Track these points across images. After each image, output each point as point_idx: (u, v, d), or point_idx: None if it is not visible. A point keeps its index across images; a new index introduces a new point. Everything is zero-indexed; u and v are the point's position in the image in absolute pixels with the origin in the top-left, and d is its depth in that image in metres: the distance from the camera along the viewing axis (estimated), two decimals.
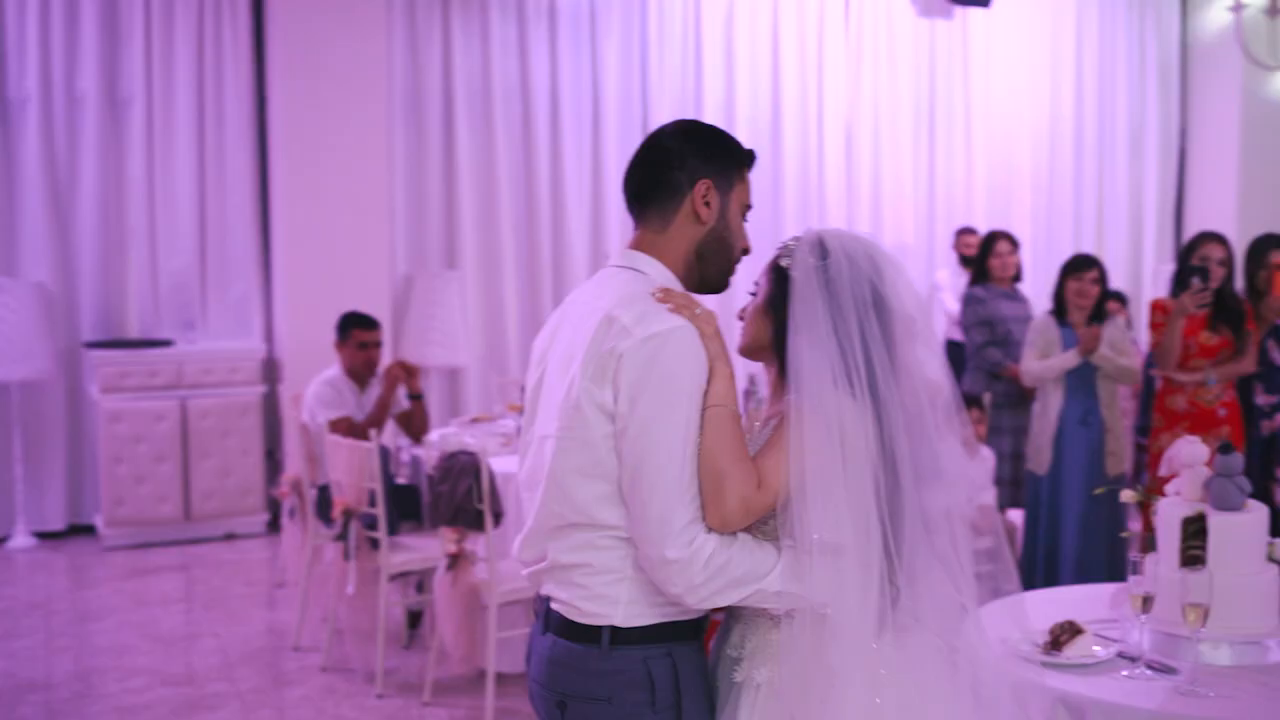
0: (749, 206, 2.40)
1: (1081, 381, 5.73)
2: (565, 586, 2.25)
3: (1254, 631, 3.01)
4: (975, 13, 9.75)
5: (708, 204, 2.31)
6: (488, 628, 4.88)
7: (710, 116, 9.08)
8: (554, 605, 2.28)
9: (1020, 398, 6.50)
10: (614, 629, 2.21)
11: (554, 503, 2.23)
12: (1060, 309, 5.83)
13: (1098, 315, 5.79)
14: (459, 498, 4.73)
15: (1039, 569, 5.78)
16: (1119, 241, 10.22)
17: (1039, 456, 5.86)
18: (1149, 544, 5.52)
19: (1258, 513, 3.09)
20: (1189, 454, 3.18)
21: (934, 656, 2.28)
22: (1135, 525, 6.29)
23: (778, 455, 2.20)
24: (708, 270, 2.36)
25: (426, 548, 5.47)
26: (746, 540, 2.19)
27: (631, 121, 9.01)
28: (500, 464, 5.18)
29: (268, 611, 6.54)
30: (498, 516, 4.82)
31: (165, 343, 8.04)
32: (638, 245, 2.34)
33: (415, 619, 5.98)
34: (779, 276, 2.34)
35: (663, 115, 8.98)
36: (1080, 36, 10.21)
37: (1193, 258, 5.48)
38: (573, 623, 2.24)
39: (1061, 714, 2.81)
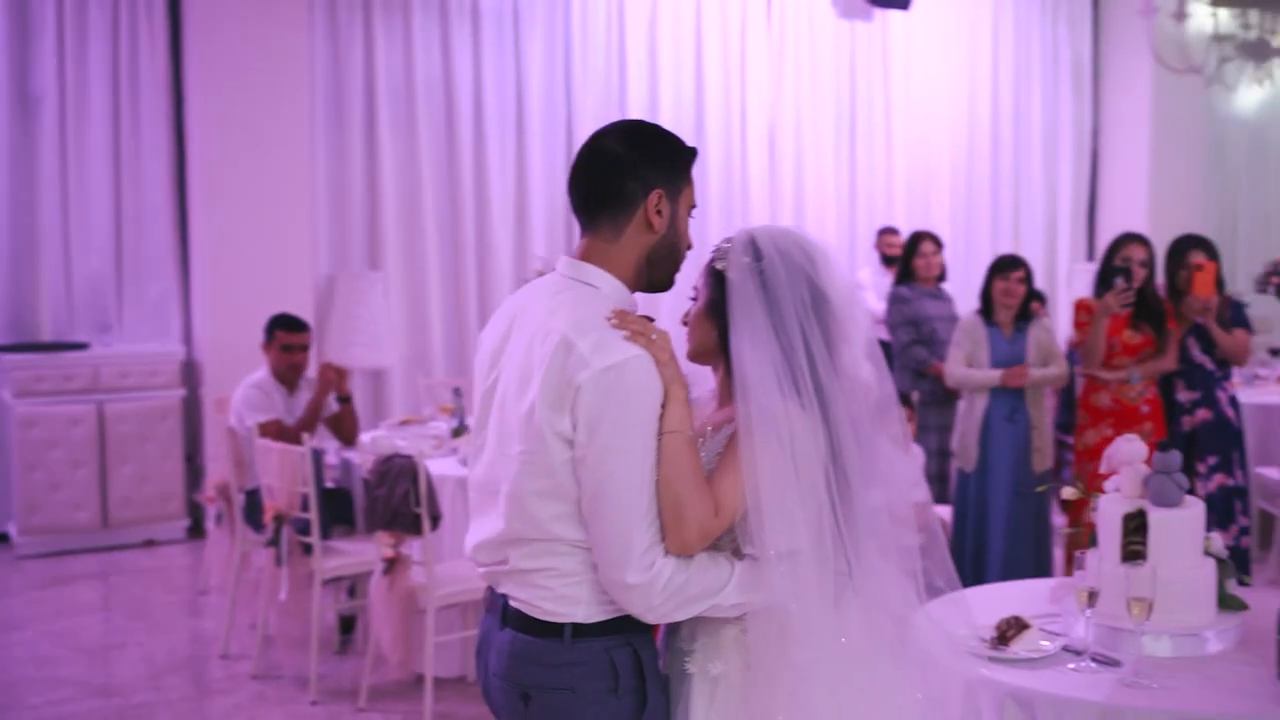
0: (694, 206, 2.41)
1: None
2: (526, 588, 2.27)
3: (1193, 624, 3.08)
4: (895, 15, 9.86)
5: (660, 213, 2.30)
6: (425, 632, 4.84)
7: (634, 116, 9.05)
8: (513, 603, 2.29)
9: (946, 396, 6.60)
10: (575, 625, 2.23)
11: (515, 520, 2.24)
12: (987, 308, 5.93)
13: (1024, 315, 5.90)
14: (396, 501, 4.68)
15: (967, 565, 5.87)
16: (1035, 241, 10.40)
17: (966, 454, 5.95)
18: (1076, 540, 5.67)
19: (1195, 508, 3.17)
20: (1128, 452, 3.25)
21: (885, 639, 2.33)
22: (1059, 521, 6.41)
23: (733, 476, 2.23)
24: (656, 274, 2.36)
25: (359, 552, 5.41)
26: (702, 557, 2.22)
27: (556, 121, 8.99)
28: (436, 466, 5.15)
29: (192, 619, 6.43)
30: (435, 520, 4.78)
31: (80, 346, 7.85)
32: (587, 255, 2.32)
33: (348, 624, 5.91)
34: (716, 280, 2.36)
35: (587, 115, 8.98)
36: (996, 39, 10.38)
37: (1116, 258, 5.60)
38: (533, 619, 2.26)
39: (1011, 708, 2.86)
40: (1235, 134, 11.25)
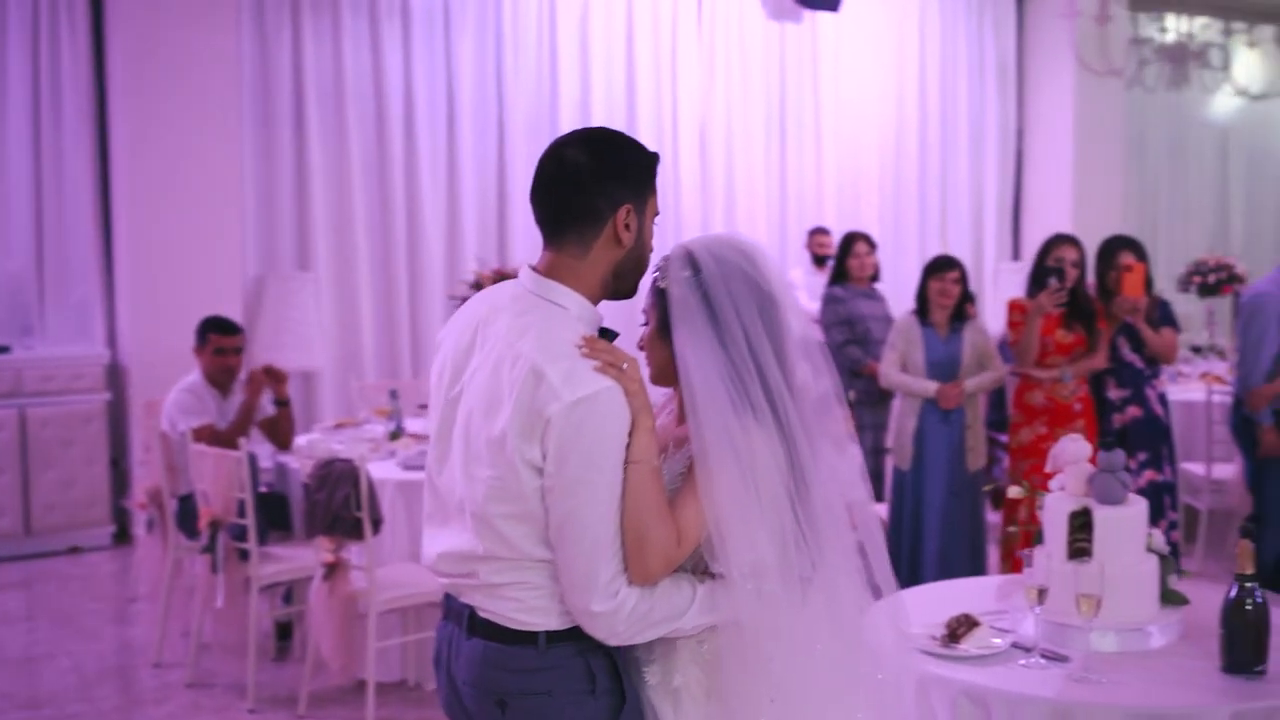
0: (657, 213, 2.38)
1: (944, 377, 5.89)
2: (496, 600, 2.25)
3: (1137, 619, 3.14)
4: (824, 17, 9.94)
5: (628, 228, 2.27)
6: (366, 637, 4.80)
7: (565, 117, 9.09)
8: (482, 613, 2.27)
9: (880, 395, 6.66)
10: (549, 632, 2.23)
11: (485, 540, 2.22)
12: (923, 309, 5.98)
13: (959, 315, 5.97)
14: (336, 506, 4.62)
15: (903, 563, 5.92)
16: (962, 240, 10.54)
17: (902, 452, 6.00)
18: (1013, 539, 5.75)
19: (1138, 506, 3.23)
20: (1073, 451, 3.31)
21: (849, 635, 2.35)
22: (993, 518, 6.51)
23: (695, 504, 2.21)
24: (623, 286, 2.34)
25: (297, 557, 5.35)
26: (664, 583, 2.22)
27: (487, 121, 8.95)
28: (375, 470, 5.09)
29: (121, 627, 6.31)
30: (376, 524, 4.73)
31: (1, 349, 7.66)
32: (553, 270, 2.28)
33: (284, 630, 5.83)
34: (661, 298, 2.33)
35: (519, 115, 8.95)
36: (923, 41, 10.50)
37: (1049, 259, 5.69)
38: (506, 628, 2.24)
39: (964, 705, 2.89)
40: (1155, 135, 11.50)
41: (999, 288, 10.01)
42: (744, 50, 9.83)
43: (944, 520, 5.87)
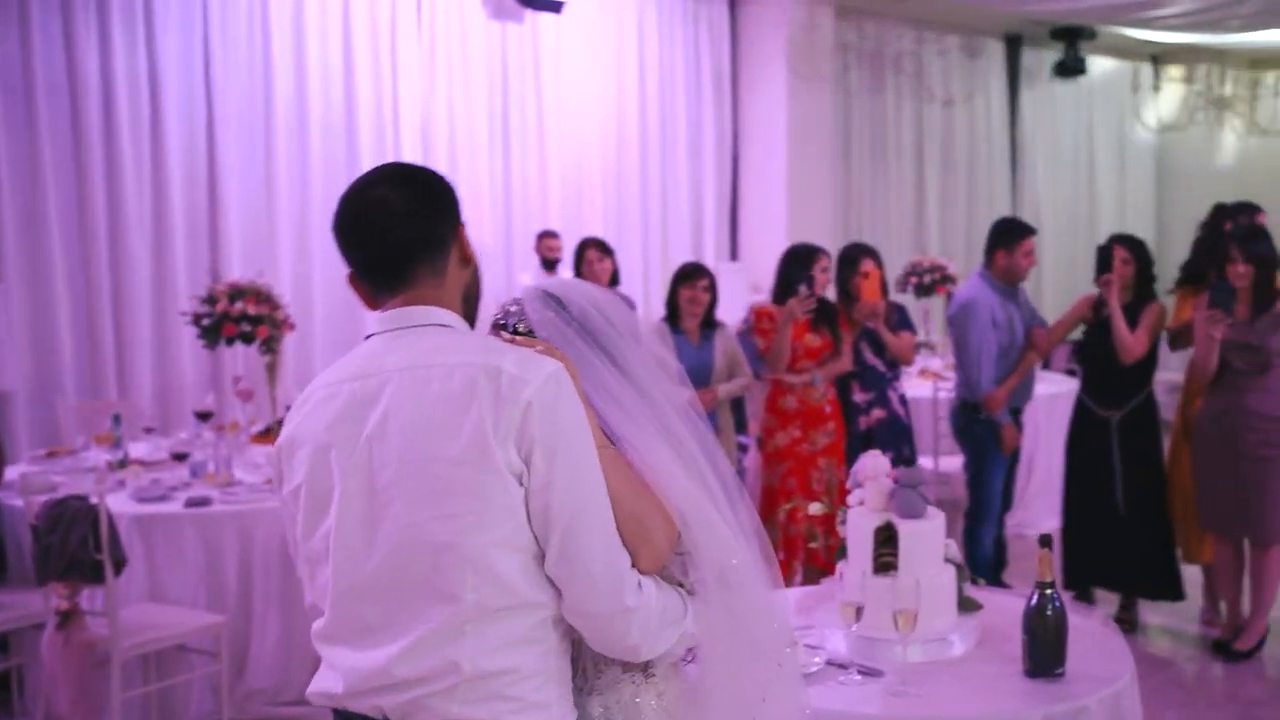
0: None
1: (696, 384, 5.90)
2: (485, 702, 1.94)
3: (940, 629, 3.23)
4: (545, 18, 9.87)
5: (468, 246, 2.16)
6: (109, 687, 4.40)
7: (281, 118, 8.66)
8: None
9: None
10: None
11: (473, 590, 1.91)
12: (673, 316, 6.02)
13: (708, 322, 6.03)
14: (73, 548, 4.22)
15: None
16: (682, 243, 10.69)
17: None
18: (770, 544, 5.82)
19: (937, 519, 3.31)
20: (873, 467, 3.36)
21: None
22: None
23: (656, 496, 2.06)
24: (470, 311, 2.18)
25: (17, 604, 4.86)
26: (661, 583, 2.06)
27: (195, 124, 8.40)
28: (110, 505, 4.67)
29: None
30: (119, 565, 4.34)
31: None
32: (421, 303, 2.08)
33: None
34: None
35: (230, 115, 8.46)
36: (642, 45, 10.57)
37: (814, 268, 5.83)
38: None
39: None
40: (858, 139, 12.01)
41: (721, 289, 10.18)
42: (465, 50, 9.64)
43: None
